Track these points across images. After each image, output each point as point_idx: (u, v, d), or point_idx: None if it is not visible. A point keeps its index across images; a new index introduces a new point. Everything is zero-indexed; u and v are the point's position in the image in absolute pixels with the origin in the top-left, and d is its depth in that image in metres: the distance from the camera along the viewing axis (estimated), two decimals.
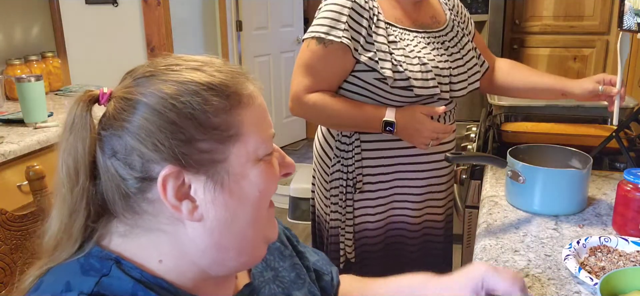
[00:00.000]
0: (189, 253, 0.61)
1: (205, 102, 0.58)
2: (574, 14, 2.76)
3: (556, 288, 0.86)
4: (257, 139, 0.61)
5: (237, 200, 0.60)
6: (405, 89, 1.22)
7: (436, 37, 1.31)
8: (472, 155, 1.51)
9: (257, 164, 0.61)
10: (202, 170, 0.58)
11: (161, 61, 0.62)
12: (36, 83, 1.88)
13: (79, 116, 0.59)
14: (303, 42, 1.27)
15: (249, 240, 0.63)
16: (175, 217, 0.59)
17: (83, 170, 0.59)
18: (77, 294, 0.54)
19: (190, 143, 0.57)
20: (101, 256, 0.59)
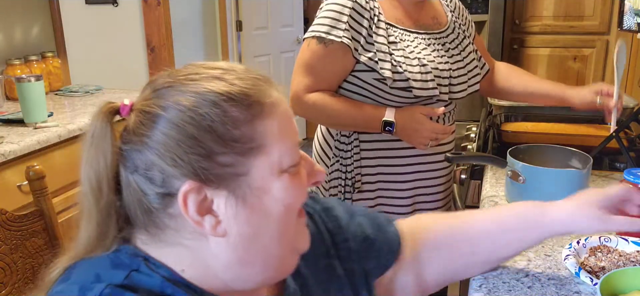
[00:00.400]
0: (212, 267, 0.59)
1: (224, 114, 0.56)
2: (574, 14, 2.76)
3: (556, 288, 0.86)
4: (281, 149, 0.59)
5: (261, 215, 0.58)
6: (405, 90, 1.22)
7: (437, 38, 1.31)
8: (472, 155, 1.51)
9: (281, 176, 0.59)
10: (223, 184, 0.56)
11: (181, 71, 0.60)
12: (36, 84, 1.89)
13: (99, 129, 0.59)
14: (303, 42, 1.28)
15: (274, 255, 0.61)
16: (198, 232, 0.58)
17: (106, 184, 0.58)
18: (106, 285, 0.54)
19: (209, 158, 0.55)
20: (131, 253, 0.59)
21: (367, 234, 0.81)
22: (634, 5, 1.41)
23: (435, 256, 0.85)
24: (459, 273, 0.89)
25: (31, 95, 1.88)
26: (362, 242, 0.80)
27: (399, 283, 0.85)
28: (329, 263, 0.76)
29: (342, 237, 0.79)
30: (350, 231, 0.80)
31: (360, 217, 0.83)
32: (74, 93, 2.41)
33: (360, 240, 0.80)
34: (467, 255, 0.86)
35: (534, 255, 0.97)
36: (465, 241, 0.85)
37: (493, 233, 0.85)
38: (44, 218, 1.09)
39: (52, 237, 1.10)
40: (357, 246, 0.80)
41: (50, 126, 1.87)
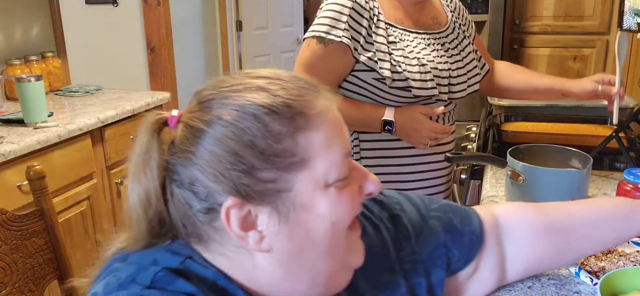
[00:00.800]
0: (257, 280, 0.59)
1: (265, 128, 0.54)
2: (574, 14, 2.76)
3: (556, 288, 0.86)
4: (327, 163, 0.56)
5: (305, 233, 0.57)
6: (404, 90, 1.23)
7: (436, 38, 1.31)
8: (472, 155, 1.51)
9: (327, 191, 0.57)
10: (266, 200, 0.55)
11: (227, 80, 0.59)
12: (36, 83, 1.89)
13: (147, 140, 0.58)
14: (303, 42, 1.28)
15: (322, 271, 0.59)
16: (243, 246, 0.57)
17: (154, 195, 0.58)
18: (161, 267, 0.55)
19: (250, 174, 0.54)
20: (185, 246, 0.59)
21: (438, 242, 0.76)
22: (634, 5, 1.41)
23: (524, 256, 0.82)
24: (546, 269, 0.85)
25: (31, 95, 1.88)
26: (432, 251, 0.76)
27: (477, 278, 0.80)
28: (391, 279, 0.72)
29: (409, 250, 0.74)
30: (420, 242, 0.75)
31: (435, 220, 0.77)
32: (74, 94, 2.41)
33: (430, 249, 0.75)
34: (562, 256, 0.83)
35: None
36: (559, 233, 0.81)
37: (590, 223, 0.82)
38: (44, 218, 1.09)
39: (52, 237, 1.10)
40: (424, 257, 0.75)
41: (50, 126, 1.87)
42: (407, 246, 0.74)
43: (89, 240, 2.02)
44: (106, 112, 2.06)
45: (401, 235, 0.74)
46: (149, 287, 0.54)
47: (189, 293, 0.54)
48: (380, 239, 0.73)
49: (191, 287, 0.54)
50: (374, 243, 0.72)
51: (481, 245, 0.79)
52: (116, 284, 0.56)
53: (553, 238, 0.82)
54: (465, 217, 0.79)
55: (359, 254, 0.63)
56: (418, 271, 0.74)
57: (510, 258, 0.82)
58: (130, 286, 0.55)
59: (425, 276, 0.74)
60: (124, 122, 2.15)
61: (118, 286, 0.55)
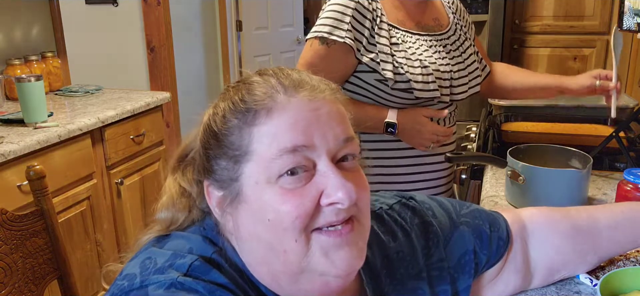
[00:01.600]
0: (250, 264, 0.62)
1: (224, 120, 0.60)
2: (574, 14, 2.76)
3: (556, 288, 0.86)
4: (268, 160, 0.56)
5: (254, 223, 0.58)
6: (406, 91, 1.23)
7: (439, 40, 1.31)
8: (472, 155, 1.51)
9: (270, 187, 0.56)
10: (225, 186, 0.61)
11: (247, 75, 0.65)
12: (36, 83, 1.89)
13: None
14: (306, 42, 1.28)
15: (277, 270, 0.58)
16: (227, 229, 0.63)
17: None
18: (197, 257, 0.59)
19: (214, 159, 0.61)
20: (215, 230, 0.64)
21: (467, 249, 0.76)
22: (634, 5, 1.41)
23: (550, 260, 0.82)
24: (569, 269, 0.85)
25: (31, 95, 1.88)
26: (461, 257, 0.76)
27: (501, 281, 0.82)
28: (416, 286, 0.72)
29: (438, 257, 0.74)
30: (449, 247, 0.75)
31: (465, 225, 0.78)
32: (74, 93, 2.41)
33: (458, 256, 0.76)
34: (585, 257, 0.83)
35: None
36: (584, 236, 0.83)
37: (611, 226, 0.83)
38: (44, 218, 1.09)
39: (52, 237, 1.10)
40: (452, 264, 0.75)
41: (50, 126, 1.87)
42: (436, 253, 0.74)
43: (89, 240, 2.02)
44: (106, 112, 2.06)
45: (431, 242, 0.74)
46: (185, 275, 0.57)
47: (222, 284, 0.57)
48: (410, 246, 0.73)
49: (224, 279, 0.57)
50: (403, 249, 0.72)
51: (508, 247, 0.80)
52: (153, 268, 0.58)
53: (577, 240, 0.83)
54: (493, 222, 0.80)
55: (339, 264, 0.57)
56: (444, 279, 0.74)
57: (534, 260, 0.83)
58: (168, 271, 0.57)
59: (452, 284, 0.74)
60: (124, 122, 2.15)
61: (156, 270, 0.58)
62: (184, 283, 0.55)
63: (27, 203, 1.67)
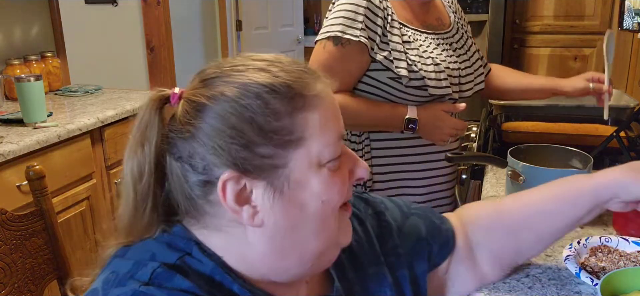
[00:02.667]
0: (248, 256, 0.61)
1: (266, 105, 0.57)
2: (575, 14, 2.76)
3: (557, 288, 0.86)
4: (321, 143, 0.59)
5: (298, 209, 0.59)
6: (420, 89, 1.23)
7: (445, 39, 1.33)
8: (472, 155, 1.51)
9: (320, 170, 0.59)
10: (262, 175, 0.57)
11: (230, 61, 0.62)
12: (36, 83, 1.88)
13: (147, 116, 0.60)
14: (316, 44, 1.26)
15: (311, 249, 0.61)
16: (236, 220, 0.59)
17: (148, 170, 0.60)
18: (159, 264, 0.57)
19: (249, 148, 0.57)
20: (184, 237, 0.61)
21: (420, 235, 0.80)
22: (634, 5, 1.41)
23: (486, 241, 0.85)
24: (515, 255, 0.87)
25: (31, 95, 1.87)
26: (415, 244, 0.79)
27: (453, 273, 0.84)
28: (377, 271, 0.75)
29: (392, 244, 0.78)
30: (403, 235, 0.79)
31: (415, 216, 0.82)
32: (73, 93, 2.41)
33: (412, 242, 0.79)
34: (519, 234, 0.84)
35: None
36: (516, 220, 0.84)
37: (543, 206, 0.83)
38: (43, 218, 1.09)
39: (52, 237, 1.10)
40: (407, 250, 0.78)
41: (50, 126, 1.87)
42: (390, 241, 0.78)
43: (89, 240, 2.02)
44: (106, 112, 2.06)
45: (385, 230, 0.78)
46: (147, 284, 0.55)
47: (187, 289, 0.55)
48: (366, 234, 0.77)
49: (189, 284, 0.56)
50: (361, 237, 0.75)
51: (455, 240, 0.84)
52: (115, 280, 0.57)
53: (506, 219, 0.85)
54: (441, 217, 0.85)
55: (348, 233, 0.66)
56: (402, 264, 0.77)
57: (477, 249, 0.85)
58: (129, 282, 0.56)
59: (409, 269, 0.78)
60: (123, 122, 2.15)
61: (117, 283, 0.56)
62: (146, 292, 0.54)
63: (26, 203, 1.67)
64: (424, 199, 1.36)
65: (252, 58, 0.61)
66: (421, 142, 1.31)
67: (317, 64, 1.24)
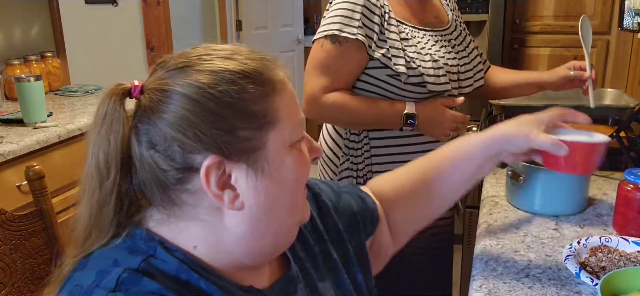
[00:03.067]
0: (224, 241, 0.62)
1: (242, 90, 0.59)
2: (575, 14, 2.76)
3: (557, 288, 0.86)
4: (291, 125, 0.62)
5: (277, 187, 0.62)
6: (418, 85, 1.23)
7: (443, 36, 1.33)
8: None
9: (291, 150, 0.63)
10: (243, 158, 0.59)
11: (191, 52, 0.63)
12: (36, 83, 1.88)
13: (111, 109, 0.59)
14: (314, 43, 1.26)
15: (285, 226, 0.65)
16: (215, 206, 0.60)
17: (115, 164, 0.59)
18: (123, 269, 0.56)
19: (231, 132, 0.58)
20: (146, 238, 0.60)
21: (353, 211, 0.84)
22: (634, 5, 1.41)
23: (397, 210, 0.91)
24: (424, 217, 0.93)
25: (31, 95, 1.87)
26: (350, 219, 0.84)
27: (377, 243, 0.89)
28: (323, 249, 0.79)
29: (331, 222, 0.81)
30: (339, 213, 0.83)
31: (345, 193, 0.86)
32: (73, 93, 2.41)
33: (347, 218, 0.83)
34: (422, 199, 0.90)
35: (534, 255, 0.97)
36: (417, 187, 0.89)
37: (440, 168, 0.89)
38: (43, 218, 1.09)
39: (51, 237, 1.10)
40: (345, 226, 0.83)
41: (50, 126, 1.87)
42: (329, 219, 0.81)
43: None
44: None
45: (323, 210, 0.82)
46: (114, 290, 0.54)
47: (155, 291, 0.55)
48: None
49: (156, 285, 0.55)
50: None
51: (378, 215, 0.88)
52: (80, 292, 0.56)
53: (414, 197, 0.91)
54: (364, 193, 0.89)
55: (308, 211, 0.71)
56: (342, 240, 0.81)
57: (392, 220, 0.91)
58: (95, 291, 0.55)
59: (350, 243, 0.82)
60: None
61: (83, 294, 0.55)
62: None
63: (26, 204, 1.67)
64: None
65: (213, 48, 0.63)
66: (420, 141, 1.31)
67: (315, 63, 1.24)
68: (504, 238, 1.04)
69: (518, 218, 1.12)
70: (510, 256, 0.97)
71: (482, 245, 1.02)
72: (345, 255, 0.81)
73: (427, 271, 1.42)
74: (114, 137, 0.59)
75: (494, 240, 1.03)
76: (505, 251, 0.99)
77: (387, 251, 0.91)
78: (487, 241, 1.03)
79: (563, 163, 0.82)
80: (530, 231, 1.06)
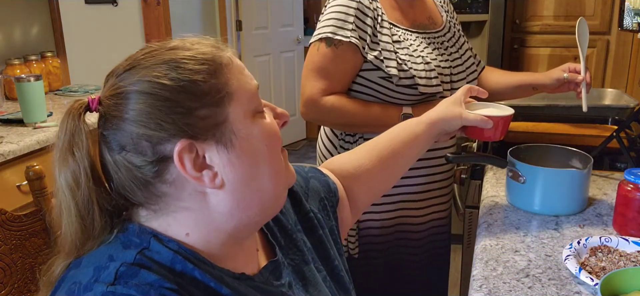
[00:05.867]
0: (215, 221, 0.63)
1: (192, 73, 0.61)
2: (574, 14, 2.76)
3: (557, 288, 0.86)
4: (247, 94, 0.64)
5: (251, 157, 0.63)
6: (410, 87, 1.23)
7: (435, 38, 1.33)
8: (472, 155, 1.51)
9: (255, 120, 0.64)
10: (209, 135, 0.61)
11: (137, 53, 0.64)
12: (36, 83, 1.88)
13: (71, 125, 0.61)
14: (311, 46, 1.27)
15: (269, 193, 0.66)
16: (198, 190, 0.62)
17: (84, 174, 0.60)
18: (120, 263, 0.57)
19: (190, 114, 0.60)
20: (139, 232, 0.62)
21: (321, 196, 0.88)
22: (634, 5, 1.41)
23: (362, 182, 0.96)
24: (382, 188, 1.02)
25: (31, 95, 1.87)
26: (319, 204, 0.87)
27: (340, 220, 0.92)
28: (300, 236, 0.81)
29: (304, 210, 0.84)
30: (309, 199, 0.86)
31: (312, 179, 0.89)
32: (73, 93, 2.41)
33: (317, 203, 0.87)
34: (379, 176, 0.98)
35: (534, 255, 0.97)
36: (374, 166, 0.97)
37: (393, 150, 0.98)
38: (43, 218, 1.09)
39: (51, 237, 1.10)
40: (316, 210, 0.86)
41: (50, 126, 1.87)
42: (302, 207, 0.84)
43: None
44: None
45: (295, 199, 0.84)
46: (113, 284, 0.55)
47: (154, 283, 0.56)
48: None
49: (155, 277, 0.57)
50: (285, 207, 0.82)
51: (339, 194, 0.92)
52: (79, 289, 0.56)
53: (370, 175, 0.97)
54: (324, 174, 0.93)
55: (292, 174, 0.72)
56: (315, 227, 0.84)
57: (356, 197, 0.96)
58: (95, 286, 0.56)
59: (322, 228, 0.85)
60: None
61: (83, 289, 0.56)
62: (114, 291, 0.55)
63: (26, 203, 1.67)
64: (423, 199, 1.36)
65: (157, 44, 0.65)
66: None
67: (313, 65, 1.25)
68: (504, 238, 1.04)
69: (518, 218, 1.12)
70: (510, 256, 0.97)
71: (482, 245, 1.02)
72: (321, 239, 0.84)
73: (424, 272, 1.42)
74: (78, 149, 0.60)
75: (493, 239, 1.03)
76: (505, 251, 0.99)
77: (347, 225, 0.95)
78: (487, 241, 1.03)
79: (485, 134, 1.02)
80: (530, 231, 1.06)
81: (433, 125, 0.98)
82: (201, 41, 0.65)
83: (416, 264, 1.40)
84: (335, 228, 0.89)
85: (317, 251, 0.83)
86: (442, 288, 1.52)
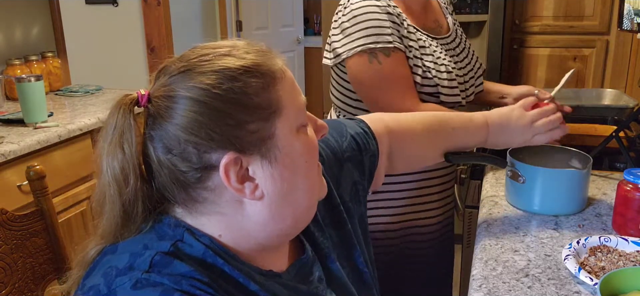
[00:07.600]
0: (247, 229, 0.64)
1: (245, 85, 0.61)
2: (574, 14, 2.76)
3: (556, 288, 0.86)
4: (295, 110, 0.65)
5: (291, 171, 0.64)
6: (432, 96, 1.22)
7: (448, 43, 1.31)
8: (472, 155, 1.51)
9: (298, 135, 0.65)
10: (256, 150, 0.61)
11: (191, 54, 0.64)
12: (36, 84, 1.89)
13: (121, 120, 0.61)
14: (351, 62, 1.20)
15: (304, 206, 0.67)
16: (236, 199, 0.63)
17: (132, 172, 0.61)
18: (155, 252, 0.59)
19: (240, 127, 0.60)
20: (174, 225, 0.63)
21: (353, 181, 0.87)
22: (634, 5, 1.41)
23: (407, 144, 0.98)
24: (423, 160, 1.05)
25: (31, 95, 1.88)
26: (351, 189, 0.87)
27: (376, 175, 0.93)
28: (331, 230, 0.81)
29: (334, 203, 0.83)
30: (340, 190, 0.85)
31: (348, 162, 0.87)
32: (74, 93, 2.41)
33: (348, 192, 0.86)
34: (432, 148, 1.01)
35: (534, 255, 0.97)
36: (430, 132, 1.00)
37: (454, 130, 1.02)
38: (44, 218, 1.09)
39: (52, 237, 1.10)
40: (346, 199, 0.85)
41: (51, 126, 1.87)
42: (332, 200, 0.83)
43: None
44: (106, 112, 2.06)
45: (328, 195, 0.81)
46: (148, 271, 0.57)
47: (187, 273, 0.58)
48: None
49: (188, 268, 0.58)
50: None
51: (378, 157, 0.92)
52: (116, 273, 0.58)
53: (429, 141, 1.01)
54: (365, 146, 0.91)
55: (325, 188, 0.73)
56: (345, 219, 0.83)
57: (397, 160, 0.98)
58: (130, 272, 0.58)
59: (351, 218, 0.85)
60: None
61: (118, 274, 0.58)
62: (148, 278, 0.56)
63: (27, 203, 1.67)
64: (421, 199, 1.36)
65: (212, 47, 0.64)
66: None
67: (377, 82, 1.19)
68: (504, 238, 1.04)
69: (518, 218, 1.12)
70: (509, 255, 0.97)
71: (481, 245, 1.02)
72: (348, 234, 0.83)
73: (428, 271, 1.42)
74: (128, 145, 0.61)
75: (493, 239, 1.04)
76: (504, 251, 0.99)
77: (381, 175, 0.96)
78: (487, 241, 1.03)
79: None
80: (529, 231, 1.06)
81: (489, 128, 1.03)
82: (255, 48, 0.65)
83: (420, 264, 1.40)
84: (365, 214, 0.89)
85: (343, 246, 0.83)
86: (446, 290, 1.52)
